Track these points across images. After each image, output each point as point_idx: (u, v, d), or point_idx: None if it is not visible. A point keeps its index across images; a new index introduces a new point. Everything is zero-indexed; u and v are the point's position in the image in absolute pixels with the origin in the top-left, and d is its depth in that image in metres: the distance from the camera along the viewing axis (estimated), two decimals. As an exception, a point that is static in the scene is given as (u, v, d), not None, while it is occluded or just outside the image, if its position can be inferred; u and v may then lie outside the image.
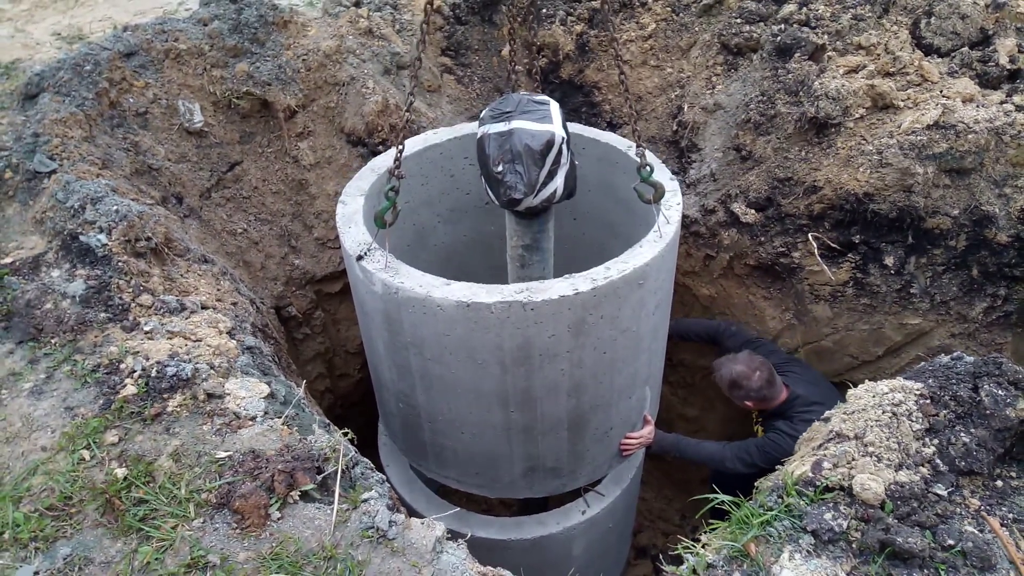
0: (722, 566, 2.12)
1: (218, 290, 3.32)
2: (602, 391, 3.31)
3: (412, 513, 3.50)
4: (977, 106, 3.61)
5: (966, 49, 3.88)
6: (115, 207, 3.12)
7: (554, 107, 3.13)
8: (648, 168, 3.04)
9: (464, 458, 3.52)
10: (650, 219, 3.21)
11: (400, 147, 2.98)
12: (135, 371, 2.57)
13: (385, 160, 3.74)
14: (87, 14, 6.40)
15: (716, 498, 2.39)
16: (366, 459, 2.62)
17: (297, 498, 2.23)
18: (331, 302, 4.70)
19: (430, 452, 3.64)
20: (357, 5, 4.84)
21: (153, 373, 2.55)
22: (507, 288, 2.89)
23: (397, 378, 3.39)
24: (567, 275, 2.94)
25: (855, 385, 2.63)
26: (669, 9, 4.65)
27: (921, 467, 2.23)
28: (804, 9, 4.25)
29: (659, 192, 3.07)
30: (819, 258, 3.93)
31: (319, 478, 2.31)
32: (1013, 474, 2.34)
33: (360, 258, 3.06)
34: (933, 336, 3.93)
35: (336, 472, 2.35)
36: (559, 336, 2.94)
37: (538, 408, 3.22)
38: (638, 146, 3.07)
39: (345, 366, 5.03)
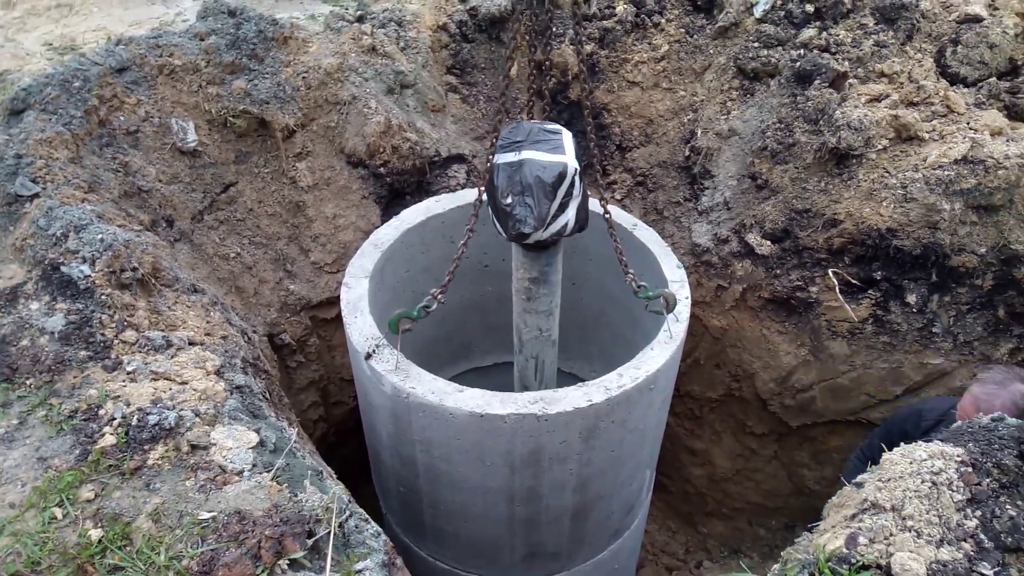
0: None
1: (207, 323, 3.14)
2: (607, 483, 3.31)
3: (408, 559, 3.35)
4: (1007, 140, 3.46)
5: (994, 79, 3.73)
6: (100, 236, 2.94)
7: (567, 137, 2.97)
8: (644, 288, 3.02)
9: (464, 544, 3.48)
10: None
11: (449, 277, 2.90)
12: (115, 418, 2.38)
13: (387, 234, 3.69)
14: (81, 23, 6.22)
15: None
16: (360, 510, 2.45)
17: (285, 567, 2.05)
18: (326, 328, 4.52)
19: (429, 534, 3.59)
20: (360, 21, 4.68)
21: (134, 421, 2.37)
22: (520, 398, 2.85)
23: (400, 466, 3.31)
24: (580, 384, 2.93)
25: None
26: (683, 31, 4.50)
27: (963, 543, 2.06)
28: (824, 34, 4.10)
29: (671, 304, 3.05)
30: (840, 295, 3.77)
31: (309, 543, 2.12)
32: (1063, 551, 2.17)
33: (368, 356, 2.97)
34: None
35: (328, 535, 2.17)
36: (570, 442, 2.93)
37: (543, 502, 3.19)
38: (631, 279, 3.03)
39: (340, 393, 4.84)
